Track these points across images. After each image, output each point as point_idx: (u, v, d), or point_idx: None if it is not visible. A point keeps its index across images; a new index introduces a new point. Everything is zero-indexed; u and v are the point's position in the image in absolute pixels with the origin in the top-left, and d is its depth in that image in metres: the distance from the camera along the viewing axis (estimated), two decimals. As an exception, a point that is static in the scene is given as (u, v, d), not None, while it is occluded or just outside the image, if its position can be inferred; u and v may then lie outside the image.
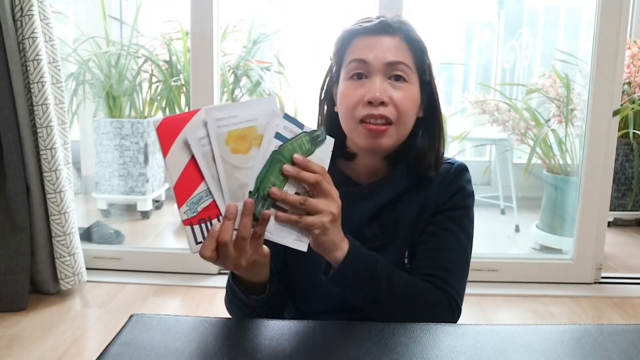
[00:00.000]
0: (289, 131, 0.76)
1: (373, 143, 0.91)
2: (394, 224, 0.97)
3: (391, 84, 0.91)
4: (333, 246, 0.82)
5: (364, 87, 0.91)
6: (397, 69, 0.91)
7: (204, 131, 0.72)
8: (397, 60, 0.91)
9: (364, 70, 0.92)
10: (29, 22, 2.04)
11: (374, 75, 0.91)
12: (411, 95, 0.93)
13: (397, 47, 0.92)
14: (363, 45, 0.93)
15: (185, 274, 2.48)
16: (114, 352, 0.72)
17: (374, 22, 0.93)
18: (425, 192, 0.97)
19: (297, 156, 0.76)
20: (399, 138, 0.93)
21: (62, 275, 2.21)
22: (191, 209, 0.73)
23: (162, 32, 3.13)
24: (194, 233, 0.75)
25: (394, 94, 0.91)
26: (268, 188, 0.74)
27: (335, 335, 0.78)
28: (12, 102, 2.07)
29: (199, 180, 0.73)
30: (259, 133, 0.74)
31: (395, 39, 0.93)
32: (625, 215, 3.32)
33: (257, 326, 0.81)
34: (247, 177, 0.74)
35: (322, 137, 0.78)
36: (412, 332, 0.79)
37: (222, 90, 2.89)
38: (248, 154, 0.74)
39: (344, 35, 0.96)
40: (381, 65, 0.91)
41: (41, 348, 1.84)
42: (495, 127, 3.09)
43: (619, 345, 0.76)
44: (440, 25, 3.83)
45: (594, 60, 2.31)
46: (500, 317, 2.18)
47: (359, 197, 0.97)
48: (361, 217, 0.96)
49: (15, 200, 2.10)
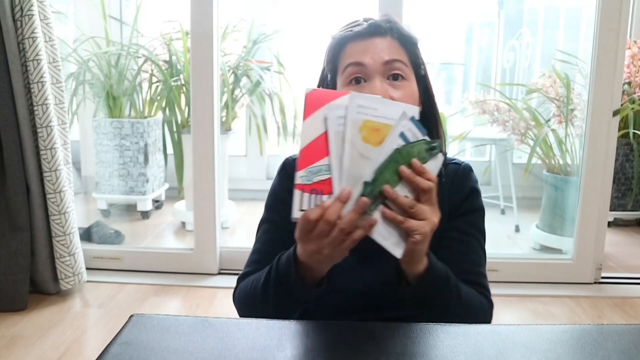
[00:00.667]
0: (412, 134, 0.78)
1: None
2: None
3: (390, 83, 0.92)
4: (421, 256, 0.84)
5: (364, 90, 0.91)
6: (394, 68, 0.92)
7: (344, 112, 0.76)
8: (393, 59, 0.92)
9: (361, 73, 0.92)
10: (29, 22, 2.04)
11: (372, 77, 0.91)
12: (411, 92, 0.94)
13: (391, 46, 0.93)
14: (357, 50, 0.93)
15: (185, 274, 2.48)
16: (114, 352, 0.72)
17: (363, 26, 0.94)
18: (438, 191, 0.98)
19: (415, 161, 0.77)
20: None
21: (62, 275, 2.21)
22: (308, 177, 0.76)
23: (162, 32, 3.13)
24: (302, 199, 0.77)
25: (394, 94, 0.91)
26: (382, 184, 0.76)
27: (335, 336, 0.78)
28: (12, 102, 2.07)
29: (325, 154, 0.76)
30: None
31: (387, 39, 0.93)
32: (625, 215, 3.32)
33: (257, 326, 0.81)
34: (367, 168, 0.76)
35: (437, 150, 0.80)
36: (412, 332, 0.79)
37: (222, 90, 2.89)
38: (376, 146, 0.76)
39: (335, 42, 0.96)
40: (378, 65, 0.91)
41: (41, 348, 1.84)
42: (495, 127, 3.09)
43: (619, 345, 0.76)
44: (440, 25, 3.83)
45: (594, 60, 2.31)
46: (500, 317, 2.18)
47: None
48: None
49: (15, 200, 2.10)
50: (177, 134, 3.05)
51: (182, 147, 3.03)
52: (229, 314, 0.98)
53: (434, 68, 3.87)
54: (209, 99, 2.39)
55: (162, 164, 3.33)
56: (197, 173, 2.46)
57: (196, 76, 2.38)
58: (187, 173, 3.01)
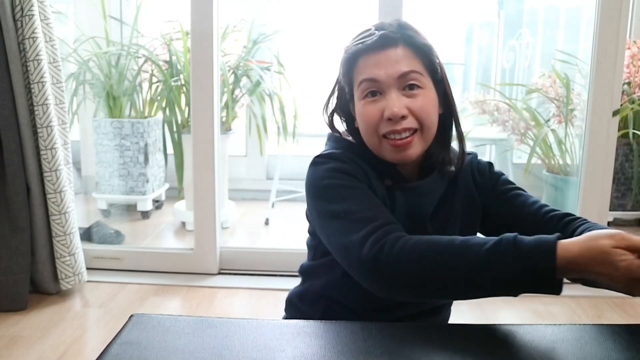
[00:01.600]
0: None
1: (401, 156, 0.92)
2: (445, 220, 0.98)
3: (406, 94, 0.91)
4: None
5: (380, 104, 0.91)
6: (409, 79, 0.91)
7: None
8: (407, 71, 0.91)
9: (376, 88, 0.92)
10: (29, 22, 2.04)
11: (388, 91, 0.91)
12: (429, 101, 0.93)
13: (404, 57, 0.92)
14: (370, 64, 0.92)
15: (185, 274, 2.48)
16: (114, 352, 0.72)
17: (374, 38, 0.92)
18: (465, 187, 1.02)
19: None
20: (426, 144, 0.95)
21: (62, 275, 2.21)
22: None
23: (162, 32, 3.13)
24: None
25: (411, 105, 0.91)
26: None
27: (335, 336, 0.78)
28: (13, 102, 2.07)
29: None
30: None
31: (399, 49, 0.92)
32: (625, 215, 3.32)
33: (257, 326, 0.81)
34: None
35: None
36: (412, 332, 0.79)
37: (222, 90, 2.89)
38: None
39: (347, 57, 0.95)
40: (393, 80, 0.91)
41: (41, 348, 1.84)
42: (495, 127, 3.09)
43: (619, 345, 0.76)
44: (440, 25, 3.83)
45: (594, 61, 2.31)
46: (500, 317, 2.18)
47: (419, 193, 0.97)
48: (424, 217, 0.97)
49: (15, 200, 2.11)
50: (177, 134, 3.05)
51: (182, 147, 3.03)
52: (229, 314, 0.98)
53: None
54: (209, 99, 2.39)
55: (162, 164, 3.33)
56: (197, 173, 2.46)
57: (196, 76, 2.38)
58: (187, 173, 3.01)
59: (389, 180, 0.95)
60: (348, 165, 0.92)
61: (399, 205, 0.94)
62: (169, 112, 3.08)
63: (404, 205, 0.94)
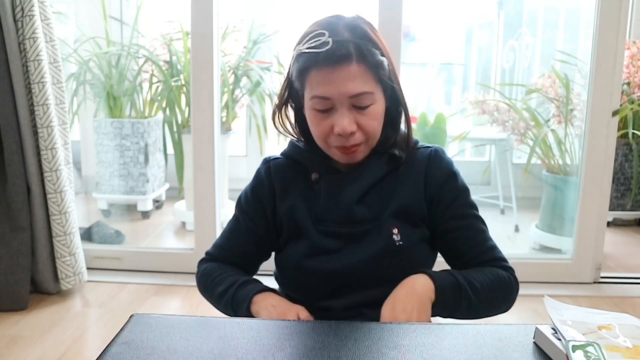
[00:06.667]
0: None
1: (349, 159, 0.98)
2: (380, 206, 1.00)
3: (356, 109, 0.93)
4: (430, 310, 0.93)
5: (330, 120, 0.94)
6: (361, 101, 0.93)
7: None
8: (359, 92, 0.92)
9: (328, 105, 0.93)
10: (29, 23, 2.05)
11: (339, 107, 0.93)
12: (377, 113, 0.96)
13: (356, 75, 0.91)
14: (321, 80, 0.92)
15: (185, 274, 2.48)
16: (114, 352, 0.72)
17: (327, 49, 0.90)
18: (410, 173, 1.02)
19: None
20: (371, 147, 0.99)
21: (63, 275, 2.22)
22: None
23: (162, 32, 3.13)
24: None
25: (360, 120, 0.94)
26: None
27: (335, 335, 0.78)
28: (13, 102, 2.07)
29: None
30: None
31: (352, 67, 0.90)
32: (625, 215, 3.33)
33: (257, 326, 0.81)
34: None
35: None
36: (412, 332, 0.79)
37: (222, 91, 2.89)
38: None
39: (300, 64, 0.94)
40: (344, 98, 0.92)
41: (41, 348, 1.85)
42: (495, 127, 3.09)
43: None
44: (440, 26, 3.83)
45: (594, 61, 2.32)
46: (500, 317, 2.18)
47: (343, 183, 1.01)
48: (349, 201, 1.00)
49: (15, 200, 2.11)
50: (178, 134, 3.05)
51: (183, 147, 3.04)
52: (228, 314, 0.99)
53: (434, 68, 3.87)
54: (209, 99, 2.39)
55: (162, 164, 3.33)
56: (197, 173, 2.47)
57: (196, 76, 2.39)
58: (187, 173, 3.01)
59: (315, 175, 1.03)
60: (261, 183, 1.10)
61: (323, 193, 1.01)
62: (169, 112, 3.08)
63: (328, 193, 1.01)
